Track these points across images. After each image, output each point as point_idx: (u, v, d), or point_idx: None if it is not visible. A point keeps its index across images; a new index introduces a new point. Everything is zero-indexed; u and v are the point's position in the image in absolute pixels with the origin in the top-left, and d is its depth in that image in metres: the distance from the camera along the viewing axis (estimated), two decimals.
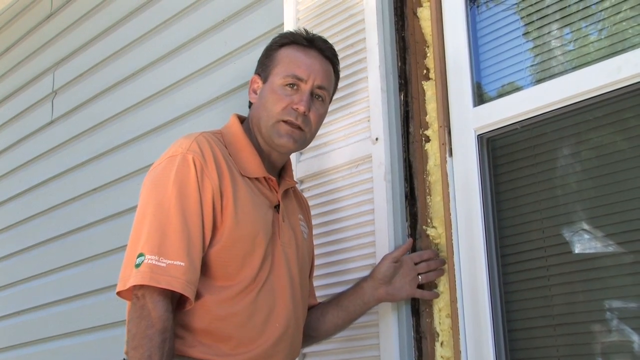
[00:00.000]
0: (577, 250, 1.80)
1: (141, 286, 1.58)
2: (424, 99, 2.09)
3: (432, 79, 2.08)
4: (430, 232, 1.98)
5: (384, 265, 1.89)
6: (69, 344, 3.22)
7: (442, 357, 1.92)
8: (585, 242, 1.79)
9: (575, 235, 1.80)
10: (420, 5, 2.14)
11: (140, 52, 3.14)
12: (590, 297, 1.77)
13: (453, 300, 1.90)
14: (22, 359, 3.48)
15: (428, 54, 2.10)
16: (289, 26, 2.36)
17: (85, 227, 3.26)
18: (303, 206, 1.98)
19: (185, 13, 2.95)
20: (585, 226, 1.80)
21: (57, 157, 3.50)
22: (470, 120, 1.96)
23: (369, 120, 2.09)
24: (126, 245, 2.95)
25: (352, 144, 2.11)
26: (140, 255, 1.59)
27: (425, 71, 2.10)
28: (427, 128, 2.06)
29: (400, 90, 2.11)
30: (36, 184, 3.61)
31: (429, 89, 2.08)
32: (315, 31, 2.16)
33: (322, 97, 1.81)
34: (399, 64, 2.13)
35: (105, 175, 3.19)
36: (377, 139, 2.05)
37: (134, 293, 1.59)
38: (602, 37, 1.82)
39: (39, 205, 3.56)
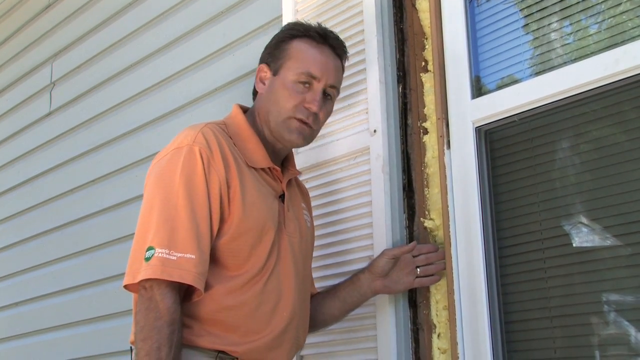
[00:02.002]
0: (574, 243, 1.80)
1: (149, 278, 1.58)
2: (422, 91, 2.09)
3: (430, 71, 2.08)
4: (428, 224, 1.99)
5: (382, 260, 1.89)
6: (66, 335, 3.23)
7: (439, 348, 1.92)
8: (582, 235, 1.79)
9: (572, 228, 1.80)
10: None
11: (139, 43, 3.14)
12: (587, 289, 1.77)
13: (450, 292, 1.90)
14: (20, 350, 3.49)
15: (426, 46, 2.10)
16: (288, 18, 2.35)
17: (83, 218, 3.26)
18: (305, 195, 1.99)
19: (183, 5, 2.94)
20: (583, 219, 1.80)
21: (55, 149, 3.50)
22: (468, 113, 1.96)
23: (367, 112, 2.09)
24: (124, 237, 2.99)
25: (350, 136, 2.11)
26: (150, 248, 1.59)
27: (423, 63, 2.10)
28: (425, 120, 2.06)
29: (398, 83, 2.11)
30: (34, 175, 3.61)
31: (428, 81, 2.08)
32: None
33: (331, 95, 1.83)
34: (398, 56, 2.13)
35: (104, 167, 3.19)
36: (375, 131, 2.05)
37: (141, 285, 1.60)
38: (600, 29, 1.82)
39: (37, 197, 3.56)
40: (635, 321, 1.69)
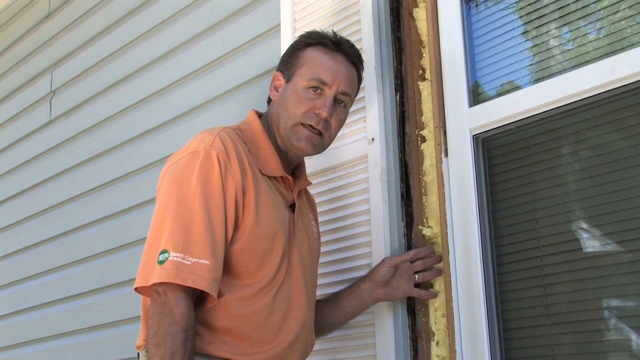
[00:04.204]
0: (572, 250, 1.80)
1: (162, 282, 1.56)
2: (420, 99, 2.09)
3: (427, 79, 2.09)
4: (426, 231, 1.99)
5: (382, 269, 1.89)
6: (67, 344, 3.23)
7: (437, 356, 1.93)
8: (580, 242, 1.80)
9: (570, 235, 1.81)
10: (416, 6, 2.15)
11: (138, 52, 3.15)
12: (585, 296, 1.78)
13: (448, 300, 1.91)
14: (21, 358, 3.49)
15: (424, 55, 2.11)
16: (286, 27, 2.37)
17: (84, 226, 3.26)
18: (312, 205, 1.99)
19: (182, 14, 2.96)
20: (580, 225, 1.81)
21: (55, 157, 3.51)
22: (466, 121, 1.97)
23: (365, 121, 2.10)
24: (124, 245, 2.99)
25: (348, 144, 2.12)
26: (164, 251, 1.57)
27: (421, 71, 2.11)
28: (422, 128, 2.07)
29: (396, 91, 2.12)
30: (34, 184, 3.62)
31: (425, 89, 2.09)
32: None
33: (344, 102, 1.82)
34: (395, 65, 2.13)
35: (103, 175, 3.20)
36: (373, 139, 2.06)
37: (154, 289, 1.58)
38: (596, 38, 1.83)
39: (37, 205, 3.56)
40: (637, 327, 1.69)
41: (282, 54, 2.31)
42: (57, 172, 3.47)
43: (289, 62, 1.84)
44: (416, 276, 1.93)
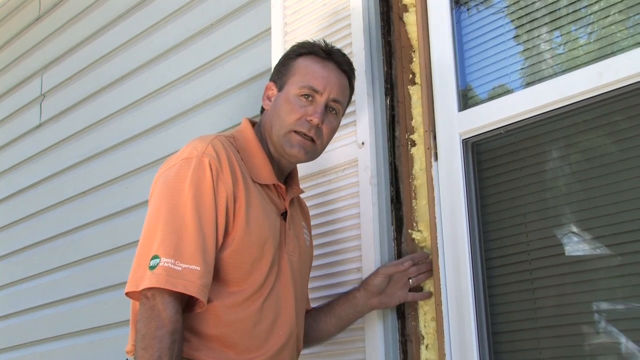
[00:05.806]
0: (560, 253, 1.81)
1: (152, 287, 1.57)
2: (410, 104, 2.10)
3: (417, 83, 2.10)
4: (416, 235, 2.00)
5: (377, 278, 1.91)
6: (57, 347, 3.22)
7: (427, 359, 1.93)
8: (568, 245, 1.81)
9: (558, 239, 1.82)
10: (407, 11, 2.16)
11: (129, 55, 3.15)
12: (573, 299, 1.79)
13: (438, 304, 1.92)
14: None
15: (414, 59, 2.12)
16: (277, 31, 2.37)
17: (74, 230, 3.26)
18: (305, 213, 1.99)
19: (173, 17, 2.96)
20: (569, 229, 1.81)
21: (45, 161, 3.50)
22: (455, 125, 1.97)
23: (355, 125, 2.10)
24: (115, 249, 2.98)
25: (339, 148, 2.13)
26: (155, 257, 1.59)
27: (411, 76, 2.12)
28: (412, 132, 2.08)
29: (386, 95, 2.13)
30: (24, 187, 3.61)
31: (415, 93, 2.10)
32: (302, 36, 2.18)
33: (336, 110, 1.83)
34: (385, 69, 2.14)
35: (94, 179, 3.19)
36: (363, 143, 2.07)
37: (143, 293, 1.59)
38: (585, 42, 1.84)
39: (27, 208, 3.55)
40: (624, 330, 1.70)
41: (272, 57, 2.33)
42: (48, 175, 3.47)
43: (281, 72, 1.85)
44: (410, 281, 1.94)
